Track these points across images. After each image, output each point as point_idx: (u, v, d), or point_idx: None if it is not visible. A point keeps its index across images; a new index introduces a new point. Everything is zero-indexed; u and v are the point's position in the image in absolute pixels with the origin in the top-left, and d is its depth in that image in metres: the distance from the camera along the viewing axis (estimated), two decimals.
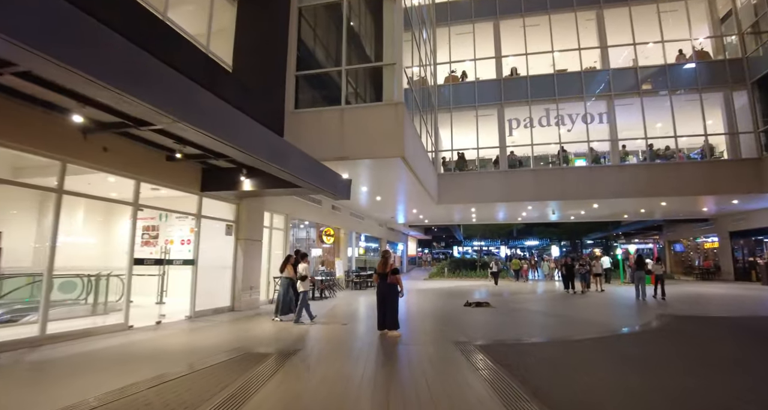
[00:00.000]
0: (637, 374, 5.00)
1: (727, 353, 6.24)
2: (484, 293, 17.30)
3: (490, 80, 19.23)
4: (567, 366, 5.42)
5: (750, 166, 16.24)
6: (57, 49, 3.54)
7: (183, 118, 5.10)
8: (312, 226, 18.47)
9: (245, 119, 6.79)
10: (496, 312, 11.14)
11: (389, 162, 10.75)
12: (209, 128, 5.66)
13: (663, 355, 5.99)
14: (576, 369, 5.24)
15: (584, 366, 5.42)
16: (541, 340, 7.13)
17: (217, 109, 5.96)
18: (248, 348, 6.52)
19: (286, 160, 7.80)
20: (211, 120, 5.77)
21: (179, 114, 5.02)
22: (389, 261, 7.83)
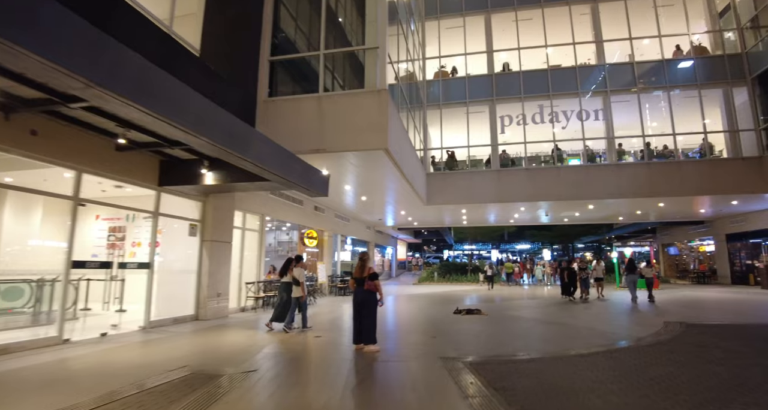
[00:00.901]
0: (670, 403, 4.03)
1: (762, 372, 5.31)
2: (475, 299, 16.33)
3: (482, 76, 18.38)
4: (577, 391, 4.43)
5: (752, 165, 15.54)
6: None
7: (101, 83, 4.06)
8: (295, 228, 17.43)
9: (196, 96, 5.77)
10: (489, 320, 10.16)
11: (372, 155, 9.79)
12: (141, 99, 4.63)
13: (690, 376, 5.02)
14: (589, 397, 4.26)
15: (599, 392, 4.43)
16: (541, 355, 6.15)
17: (153, 75, 4.91)
18: (199, 366, 5.47)
19: (247, 147, 6.77)
20: (146, 90, 4.73)
21: (94, 76, 3.97)
22: (367, 264, 6.82)
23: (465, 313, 10.88)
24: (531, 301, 15.37)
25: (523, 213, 21.14)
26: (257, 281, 12.58)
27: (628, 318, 10.64)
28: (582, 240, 52.87)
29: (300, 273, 8.65)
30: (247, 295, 12.05)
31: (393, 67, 11.74)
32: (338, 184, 13.21)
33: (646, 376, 4.97)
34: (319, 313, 11.59)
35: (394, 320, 10.56)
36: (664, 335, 7.77)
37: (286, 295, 8.79)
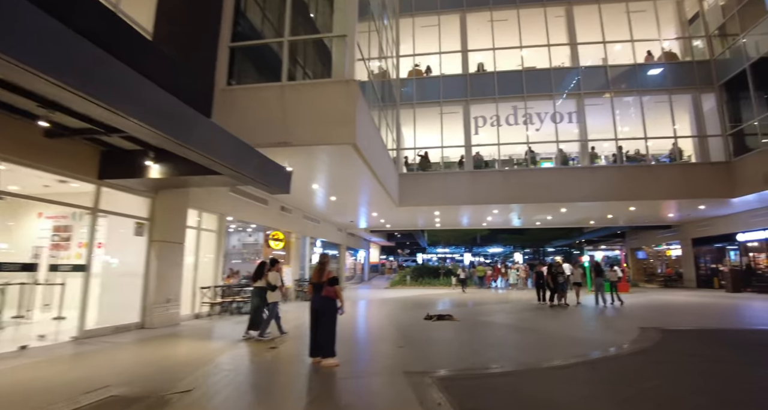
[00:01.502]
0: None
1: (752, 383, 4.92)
2: (448, 303, 15.83)
3: (456, 75, 18.01)
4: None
5: (720, 170, 15.68)
6: None
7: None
8: (261, 230, 16.55)
9: (129, 73, 4.98)
10: (461, 327, 9.62)
11: (339, 151, 9.12)
12: (52, 70, 3.83)
13: (680, 391, 4.57)
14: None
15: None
16: (516, 367, 5.61)
17: (70, 43, 4.12)
18: (125, 385, 4.67)
19: (193, 135, 6.01)
20: (59, 59, 3.94)
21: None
22: (326, 268, 6.14)
23: (436, 319, 10.31)
24: (504, 306, 14.98)
25: (496, 216, 20.86)
26: (214, 286, 11.67)
27: (604, 325, 10.30)
28: (553, 244, 53.58)
29: (276, 278, 8.15)
30: (202, 301, 11.12)
31: (365, 63, 11.17)
32: (305, 182, 12.46)
33: (632, 391, 4.48)
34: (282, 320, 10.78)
35: (361, 328, 9.89)
36: (643, 342, 7.38)
37: (257, 301, 8.28)
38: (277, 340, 7.77)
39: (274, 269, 8.29)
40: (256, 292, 8.39)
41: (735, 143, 15.81)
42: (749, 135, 15.42)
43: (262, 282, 8.29)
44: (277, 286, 8.11)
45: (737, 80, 15.76)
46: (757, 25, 14.92)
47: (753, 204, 17.19)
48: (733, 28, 16.21)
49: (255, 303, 8.37)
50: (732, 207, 17.99)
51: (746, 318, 11.38)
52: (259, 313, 8.25)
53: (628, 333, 8.50)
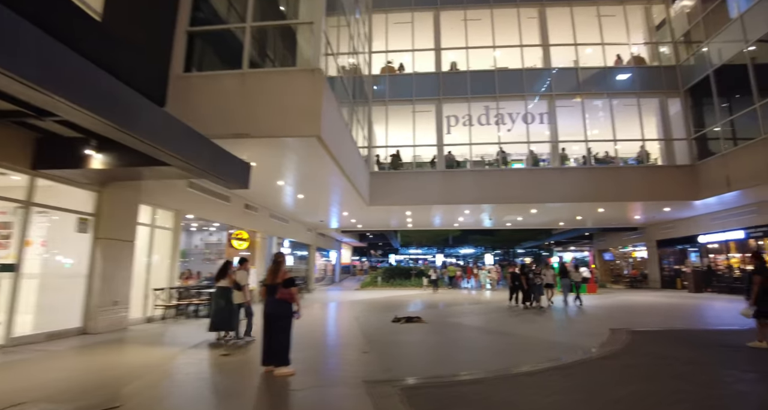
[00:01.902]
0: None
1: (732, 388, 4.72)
2: (419, 305, 15.50)
3: (429, 73, 17.75)
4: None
5: (684, 173, 15.99)
6: None
7: None
8: (225, 229, 15.78)
9: (59, 48, 4.36)
10: (430, 329, 9.26)
11: (304, 144, 8.61)
12: None
13: (660, 397, 4.31)
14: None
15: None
16: (487, 374, 5.25)
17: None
18: (44, 401, 4.03)
19: (136, 121, 5.41)
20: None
21: None
22: (282, 267, 5.62)
23: (404, 322, 9.91)
24: (475, 307, 14.77)
25: (468, 217, 20.72)
26: (169, 287, 10.91)
27: (574, 326, 10.16)
28: (523, 246, 54.40)
29: (243, 277, 7.83)
30: (155, 304, 10.36)
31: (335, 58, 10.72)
32: (269, 178, 11.86)
33: (610, 398, 4.20)
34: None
35: (324, 332, 9.38)
36: (615, 345, 7.20)
37: (224, 302, 7.80)
38: (230, 345, 7.19)
39: (242, 268, 7.96)
40: (220, 293, 7.92)
41: (699, 147, 16.16)
42: (712, 139, 15.79)
43: (226, 282, 7.92)
44: (243, 285, 7.76)
45: (701, 86, 16.11)
46: (719, 33, 15.28)
47: (714, 206, 17.65)
48: (698, 35, 16.59)
49: (220, 304, 7.84)
50: (694, 209, 18.45)
51: (710, 318, 11.50)
52: (224, 314, 7.77)
53: (598, 335, 8.33)
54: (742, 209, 17.22)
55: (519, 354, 6.70)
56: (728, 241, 18.88)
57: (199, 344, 7.39)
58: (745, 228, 17.47)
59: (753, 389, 4.70)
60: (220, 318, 7.78)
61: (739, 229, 17.73)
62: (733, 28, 14.62)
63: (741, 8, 14.33)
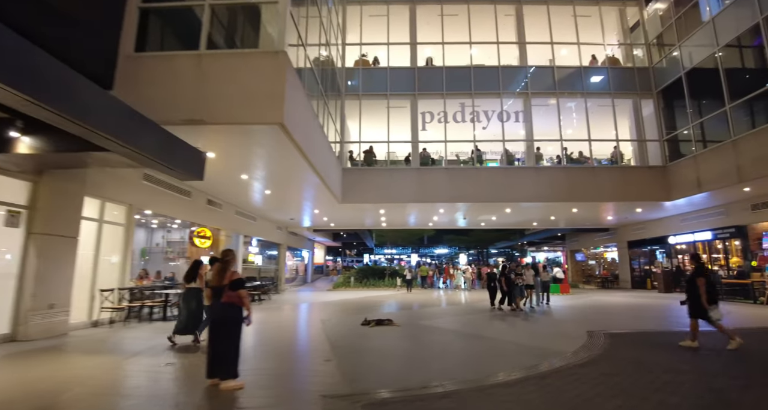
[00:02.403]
0: None
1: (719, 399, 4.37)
2: (392, 306, 14.99)
3: (404, 68, 17.25)
4: None
5: (657, 174, 16.04)
6: None
7: None
8: (187, 226, 14.91)
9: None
10: (401, 333, 8.74)
11: (266, 133, 7.94)
12: None
13: None
14: None
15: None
16: (460, 386, 4.75)
17: None
18: None
19: (62, 96, 4.66)
20: None
21: None
22: (230, 267, 4.99)
23: (374, 325, 9.35)
24: (449, 308, 14.37)
25: (442, 216, 20.36)
26: (119, 288, 10.01)
27: (549, 329, 9.82)
28: (496, 246, 54.74)
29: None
30: (102, 306, 9.46)
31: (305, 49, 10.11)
32: (232, 171, 11.11)
33: None
34: None
35: (286, 337, 8.70)
36: (594, 350, 6.84)
37: (195, 304, 7.45)
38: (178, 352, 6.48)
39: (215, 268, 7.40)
40: (192, 295, 7.53)
41: (670, 148, 16.25)
42: (683, 141, 15.90)
43: (197, 283, 7.56)
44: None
45: (673, 88, 16.22)
46: (691, 36, 15.38)
47: (683, 208, 17.84)
48: (670, 38, 16.70)
49: (191, 307, 7.44)
50: (665, 210, 18.63)
51: (682, 319, 11.36)
52: (195, 318, 7.45)
53: (575, 338, 8.00)
54: (711, 210, 17.46)
55: (494, 361, 6.24)
56: (696, 242, 19.14)
57: (143, 351, 6.65)
58: (712, 230, 17.71)
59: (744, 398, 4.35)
60: (192, 323, 7.41)
61: (707, 230, 17.98)
62: (704, 32, 14.72)
63: (713, 12, 14.44)
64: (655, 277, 21.09)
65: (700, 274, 6.99)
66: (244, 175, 11.50)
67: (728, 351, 6.65)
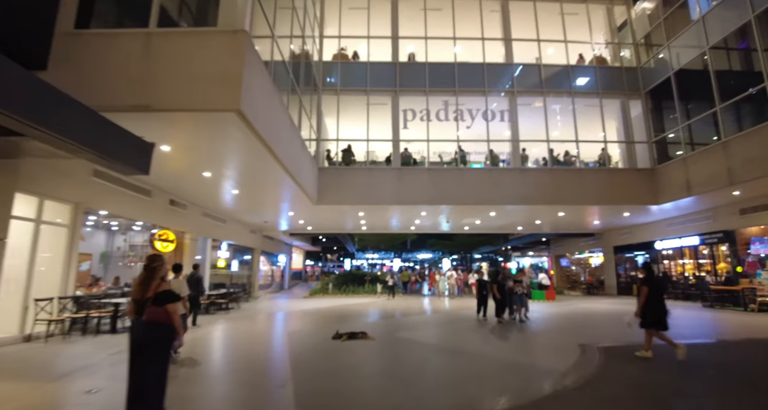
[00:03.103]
0: None
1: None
2: (370, 315, 14.10)
3: (385, 63, 16.46)
4: None
5: (645, 177, 15.56)
6: None
7: None
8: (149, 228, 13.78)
9: None
10: (376, 348, 7.86)
11: (223, 122, 7.01)
12: None
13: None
14: None
15: None
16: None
17: None
18: None
19: None
20: None
21: None
22: (156, 275, 4.06)
23: (346, 338, 8.43)
24: (431, 318, 13.54)
25: (425, 219, 19.57)
26: (60, 297, 8.89)
27: (537, 342, 9.06)
28: (480, 251, 54.26)
29: (181, 286, 7.28)
30: (37, 317, 8.33)
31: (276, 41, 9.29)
32: (192, 167, 10.13)
33: None
34: None
35: (241, 355, 7.70)
36: (588, 367, 6.09)
37: None
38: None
39: (179, 276, 7.42)
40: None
41: (659, 150, 15.81)
42: (672, 143, 15.47)
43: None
44: (181, 296, 6.57)
45: (661, 89, 15.81)
46: (679, 36, 15.01)
47: (670, 212, 17.44)
48: (659, 38, 16.33)
49: None
50: (652, 215, 18.20)
51: (677, 328, 10.76)
52: None
53: (567, 352, 7.25)
54: (698, 215, 17.07)
55: (477, 384, 5.41)
56: (683, 247, 18.77)
57: (72, 372, 5.68)
58: (700, 234, 17.33)
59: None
60: None
61: (695, 235, 17.59)
62: (693, 31, 14.34)
63: (702, 10, 14.06)
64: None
65: (644, 283, 7.04)
66: (206, 172, 10.50)
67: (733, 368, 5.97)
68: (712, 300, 15.12)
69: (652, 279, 7.19)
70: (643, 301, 6.93)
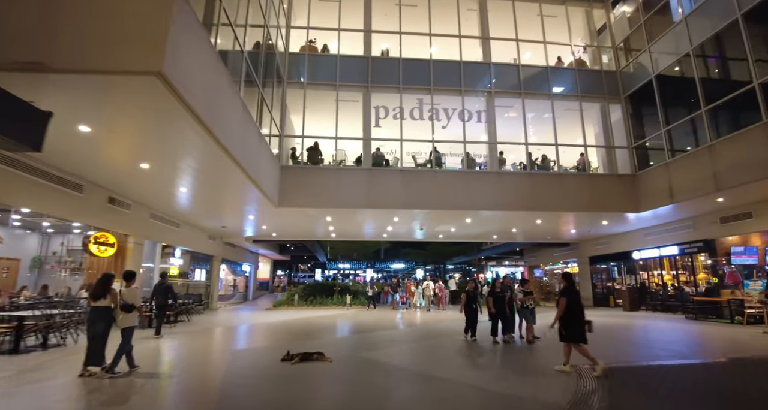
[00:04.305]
0: None
1: None
2: (336, 330, 12.72)
3: (356, 56, 15.35)
4: None
5: (626, 183, 14.91)
6: None
7: None
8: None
9: None
10: (331, 373, 6.52)
11: (141, 89, 5.64)
12: None
13: None
14: None
15: None
16: None
17: None
18: None
19: None
20: None
21: None
22: None
23: (298, 361, 7.05)
24: (403, 332, 12.28)
25: (398, 226, 18.39)
26: None
27: (522, 362, 7.93)
28: (453, 261, 53.47)
29: (134, 295, 6.73)
30: None
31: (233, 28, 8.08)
32: (125, 156, 8.67)
33: None
34: (61, 364, 6.82)
35: (164, 384, 6.25)
36: (591, 401, 4.95)
37: (103, 326, 6.39)
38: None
39: (131, 283, 6.81)
40: (100, 315, 6.41)
41: (639, 156, 15.22)
42: (653, 149, 14.91)
43: (107, 301, 6.42)
44: (135, 306, 6.62)
45: (642, 93, 15.30)
46: (661, 38, 14.57)
47: (649, 221, 16.91)
48: (638, 42, 15.90)
49: (98, 329, 6.34)
50: (629, 224, 17.64)
51: (666, 344, 9.88)
52: (100, 342, 6.34)
53: (559, 377, 6.13)
54: (678, 224, 16.56)
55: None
56: (662, 257, 18.24)
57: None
58: (679, 244, 16.80)
59: None
60: (98, 350, 6.30)
61: (674, 245, 17.06)
62: (676, 32, 13.87)
63: (685, 11, 13.63)
64: (619, 294, 19.99)
65: (563, 294, 6.77)
66: (143, 163, 9.02)
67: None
68: (695, 311, 14.43)
69: (573, 290, 6.86)
70: (561, 313, 6.62)
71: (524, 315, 9.95)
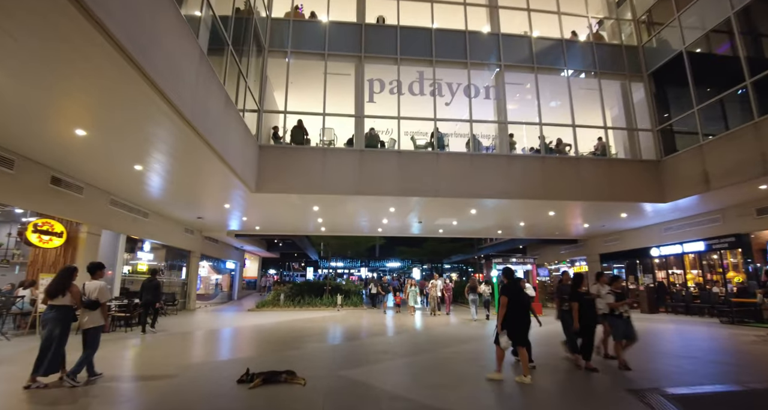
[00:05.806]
0: None
1: None
2: (323, 336, 10.93)
3: (349, 23, 13.56)
4: None
5: (650, 169, 13.21)
6: None
7: None
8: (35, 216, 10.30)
9: None
10: (299, 402, 4.73)
11: (62, 25, 3.83)
12: None
13: None
14: None
15: None
16: None
17: None
18: None
19: None
20: None
21: None
22: None
23: (260, 383, 5.24)
24: (401, 339, 10.52)
25: (393, 218, 16.59)
26: None
27: (561, 385, 6.18)
28: (451, 260, 51.75)
29: (103, 292, 5.73)
30: None
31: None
32: (58, 122, 6.82)
33: None
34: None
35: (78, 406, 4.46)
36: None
37: (60, 329, 5.39)
38: None
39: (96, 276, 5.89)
40: (58, 316, 5.45)
41: (664, 140, 13.53)
42: (680, 132, 13.23)
43: (66, 299, 5.50)
44: (98, 303, 5.68)
45: (667, 69, 13.63)
46: (688, 8, 12.91)
47: (667, 215, 15.27)
48: (661, 14, 14.23)
49: (54, 333, 5.35)
50: (647, 218, 15.97)
51: (737, 356, 8.17)
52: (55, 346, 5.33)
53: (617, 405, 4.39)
54: (702, 217, 14.91)
55: None
56: (684, 254, 16.57)
57: None
58: (705, 240, 15.14)
59: None
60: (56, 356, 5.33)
61: (699, 240, 15.39)
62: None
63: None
64: (636, 295, 18.30)
65: (503, 292, 6.10)
66: (79, 129, 7.19)
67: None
68: (732, 315, 12.72)
69: (514, 287, 6.14)
70: (503, 313, 5.98)
71: (616, 326, 6.92)
